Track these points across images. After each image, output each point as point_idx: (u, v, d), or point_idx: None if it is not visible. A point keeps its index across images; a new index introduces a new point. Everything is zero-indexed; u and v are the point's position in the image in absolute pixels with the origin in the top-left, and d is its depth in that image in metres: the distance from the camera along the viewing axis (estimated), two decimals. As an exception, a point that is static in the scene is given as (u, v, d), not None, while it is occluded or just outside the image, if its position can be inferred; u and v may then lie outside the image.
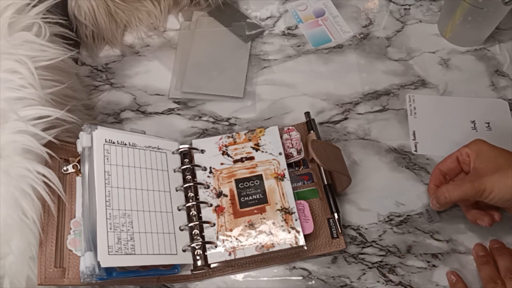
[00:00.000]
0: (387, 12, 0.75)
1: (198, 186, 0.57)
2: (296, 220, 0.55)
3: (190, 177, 0.58)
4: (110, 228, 0.50)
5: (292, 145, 0.61)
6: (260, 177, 0.58)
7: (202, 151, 0.60)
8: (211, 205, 0.56)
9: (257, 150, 0.60)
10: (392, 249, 0.57)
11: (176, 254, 0.54)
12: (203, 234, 0.55)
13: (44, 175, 0.49)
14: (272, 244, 0.54)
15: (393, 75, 0.70)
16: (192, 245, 0.54)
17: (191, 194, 0.57)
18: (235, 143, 0.60)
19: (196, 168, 0.59)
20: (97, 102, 0.67)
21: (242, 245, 0.54)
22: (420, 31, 0.73)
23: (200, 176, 0.58)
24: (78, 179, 0.54)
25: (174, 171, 0.58)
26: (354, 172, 0.62)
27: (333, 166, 0.56)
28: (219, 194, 0.57)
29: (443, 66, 0.70)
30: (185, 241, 0.55)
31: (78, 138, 0.53)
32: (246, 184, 0.58)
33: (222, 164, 0.59)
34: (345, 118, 0.66)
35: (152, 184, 0.56)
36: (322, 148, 0.57)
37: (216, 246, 0.54)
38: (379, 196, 0.61)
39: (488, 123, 0.65)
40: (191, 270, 0.55)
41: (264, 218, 0.55)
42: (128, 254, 0.50)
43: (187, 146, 0.60)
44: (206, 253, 0.54)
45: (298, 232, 0.54)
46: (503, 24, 0.70)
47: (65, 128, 0.53)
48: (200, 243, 0.54)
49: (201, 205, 0.57)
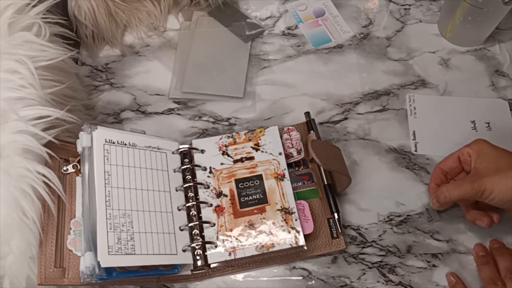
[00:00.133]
0: (387, 12, 0.75)
1: (198, 186, 0.57)
2: (296, 220, 0.55)
3: (190, 177, 0.58)
4: (110, 228, 0.50)
5: (292, 145, 0.61)
6: (260, 177, 0.58)
7: (202, 151, 0.60)
8: (211, 205, 0.56)
9: (257, 150, 0.60)
10: (392, 249, 0.57)
11: (176, 254, 0.54)
12: (203, 234, 0.55)
13: (44, 175, 0.49)
14: (272, 244, 0.54)
15: (393, 75, 0.70)
16: (192, 245, 0.54)
17: (191, 194, 0.57)
18: (235, 143, 0.60)
19: (196, 168, 0.59)
20: (97, 102, 0.67)
21: (242, 245, 0.54)
22: (420, 31, 0.73)
23: (200, 176, 0.58)
24: (78, 179, 0.54)
25: (174, 171, 0.58)
26: (354, 172, 0.62)
27: (333, 166, 0.56)
28: (219, 194, 0.57)
29: (443, 66, 0.70)
30: (185, 241, 0.55)
31: (78, 138, 0.53)
32: (246, 184, 0.58)
33: (222, 164, 0.59)
34: (345, 118, 0.66)
35: (152, 184, 0.56)
36: (322, 148, 0.57)
37: (216, 246, 0.54)
38: (379, 196, 0.61)
39: (488, 123, 0.65)
40: (191, 270, 0.55)
41: (264, 218, 0.55)
42: (128, 254, 0.50)
43: (187, 146, 0.60)
44: (206, 253, 0.54)
45: (298, 232, 0.54)
46: (503, 24, 0.70)
47: (65, 128, 0.53)
48: (200, 243, 0.54)
49: (201, 205, 0.57)
